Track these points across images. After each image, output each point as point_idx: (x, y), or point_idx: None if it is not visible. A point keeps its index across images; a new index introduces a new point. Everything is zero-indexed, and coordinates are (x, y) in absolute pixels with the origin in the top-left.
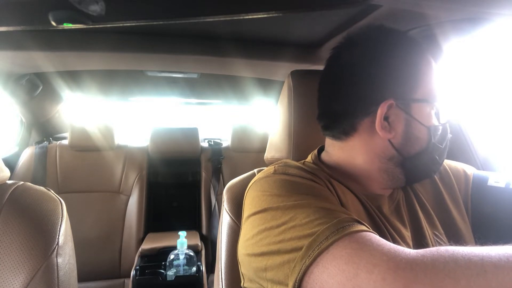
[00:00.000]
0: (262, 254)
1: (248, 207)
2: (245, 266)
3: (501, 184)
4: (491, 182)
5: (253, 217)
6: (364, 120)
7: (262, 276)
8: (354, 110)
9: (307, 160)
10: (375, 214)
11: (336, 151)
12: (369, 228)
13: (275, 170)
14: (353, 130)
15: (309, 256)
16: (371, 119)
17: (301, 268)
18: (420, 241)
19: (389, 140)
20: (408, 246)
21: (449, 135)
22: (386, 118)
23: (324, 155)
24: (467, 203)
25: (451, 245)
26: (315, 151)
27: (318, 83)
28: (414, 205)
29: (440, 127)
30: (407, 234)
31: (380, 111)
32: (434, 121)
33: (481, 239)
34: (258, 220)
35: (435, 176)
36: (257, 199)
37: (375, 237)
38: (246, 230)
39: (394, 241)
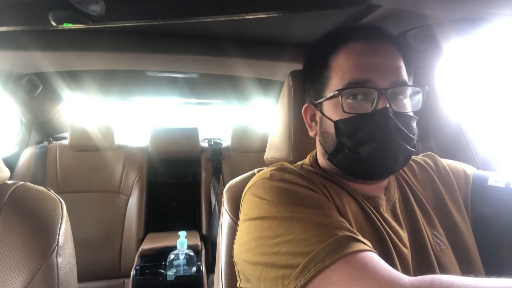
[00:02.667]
0: (256, 263)
1: (245, 211)
2: (241, 269)
3: (501, 184)
4: (491, 182)
5: (249, 223)
6: None
7: (256, 285)
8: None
9: (305, 161)
10: (372, 215)
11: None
12: (365, 243)
13: (271, 175)
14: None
15: (305, 276)
16: None
17: (295, 287)
18: (418, 242)
19: (318, 138)
20: (405, 247)
21: (381, 122)
22: (314, 119)
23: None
24: (467, 203)
25: (450, 243)
26: (314, 153)
27: None
28: (412, 206)
29: (346, 121)
30: (404, 235)
31: (303, 113)
32: (341, 115)
33: (481, 238)
34: (254, 227)
35: (435, 176)
36: (253, 205)
37: (371, 260)
38: (242, 233)
39: (392, 242)
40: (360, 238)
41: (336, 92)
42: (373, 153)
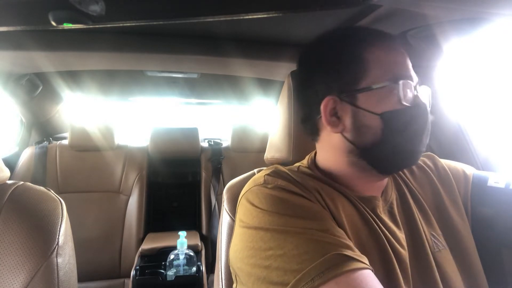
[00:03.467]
0: (249, 274)
1: (240, 216)
2: (236, 273)
3: (501, 185)
4: (491, 182)
5: (244, 230)
6: (320, 119)
7: None
8: (309, 112)
9: (303, 163)
10: (369, 216)
11: (319, 152)
12: (359, 260)
13: (265, 181)
14: (317, 129)
15: None
16: None
17: None
18: (416, 242)
19: (342, 134)
20: (403, 247)
21: (427, 117)
22: (335, 113)
23: (317, 158)
24: (466, 204)
25: (448, 243)
26: (312, 154)
27: None
28: (410, 206)
29: (401, 111)
30: (401, 236)
31: (323, 109)
32: (392, 106)
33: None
34: (248, 236)
35: (434, 177)
36: (248, 212)
37: (362, 282)
38: (236, 239)
39: (389, 243)
40: (354, 254)
41: (388, 84)
42: (418, 144)
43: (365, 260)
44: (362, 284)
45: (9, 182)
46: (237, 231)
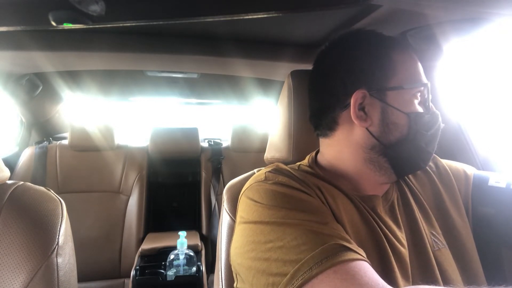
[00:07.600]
0: (249, 268)
1: (240, 213)
2: (236, 270)
3: (502, 184)
4: (492, 182)
5: (244, 226)
6: (343, 113)
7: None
8: (330, 105)
9: (303, 162)
10: (369, 215)
11: (327, 149)
12: (356, 251)
13: (265, 177)
14: (335, 123)
15: (293, 284)
16: (349, 111)
17: None
18: (416, 241)
19: (368, 129)
20: (403, 246)
21: (440, 124)
22: (362, 108)
23: (319, 157)
24: (467, 204)
25: (447, 242)
26: (313, 153)
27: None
28: (410, 205)
29: (425, 114)
30: (402, 235)
31: (353, 102)
32: (417, 108)
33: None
34: (248, 231)
35: (435, 177)
36: (248, 208)
37: (360, 271)
38: (237, 236)
39: (389, 242)
40: (351, 246)
41: (417, 86)
42: (433, 147)
43: (363, 253)
44: (360, 273)
45: (9, 182)
46: (237, 227)
